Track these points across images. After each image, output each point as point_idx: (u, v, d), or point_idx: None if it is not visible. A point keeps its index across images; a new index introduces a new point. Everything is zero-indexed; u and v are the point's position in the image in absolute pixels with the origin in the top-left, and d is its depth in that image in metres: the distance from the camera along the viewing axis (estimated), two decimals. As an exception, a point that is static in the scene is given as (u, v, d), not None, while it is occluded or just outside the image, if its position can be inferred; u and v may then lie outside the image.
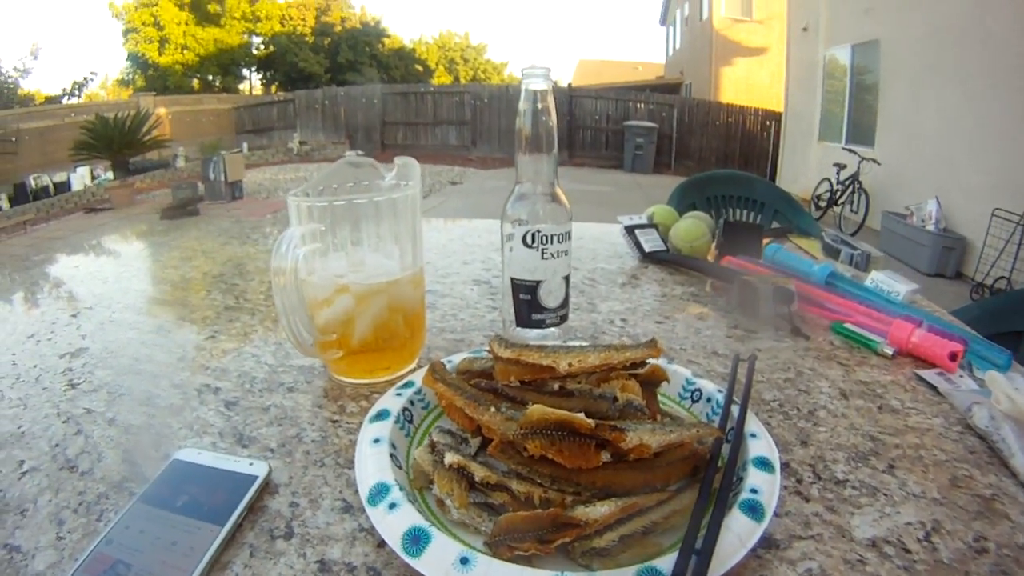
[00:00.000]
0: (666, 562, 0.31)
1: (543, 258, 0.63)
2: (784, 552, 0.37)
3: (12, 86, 14.48)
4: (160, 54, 20.34)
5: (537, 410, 0.36)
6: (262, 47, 23.29)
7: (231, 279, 1.02)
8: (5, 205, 9.14)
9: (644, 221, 1.09)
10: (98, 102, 15.20)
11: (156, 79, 19.97)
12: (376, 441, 0.44)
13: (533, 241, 0.62)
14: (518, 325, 0.66)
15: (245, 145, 13.22)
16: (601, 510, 0.34)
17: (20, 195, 9.52)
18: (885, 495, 0.43)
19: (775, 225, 1.48)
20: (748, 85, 13.63)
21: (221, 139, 12.64)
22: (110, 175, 9.68)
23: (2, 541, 0.41)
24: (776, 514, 0.40)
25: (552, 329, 0.66)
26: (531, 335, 0.66)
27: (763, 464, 0.39)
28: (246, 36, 22.40)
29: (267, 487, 0.45)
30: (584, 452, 0.35)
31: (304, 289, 0.56)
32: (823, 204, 7.13)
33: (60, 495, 0.46)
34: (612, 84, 16.35)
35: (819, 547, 0.38)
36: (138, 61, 20.74)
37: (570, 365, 0.41)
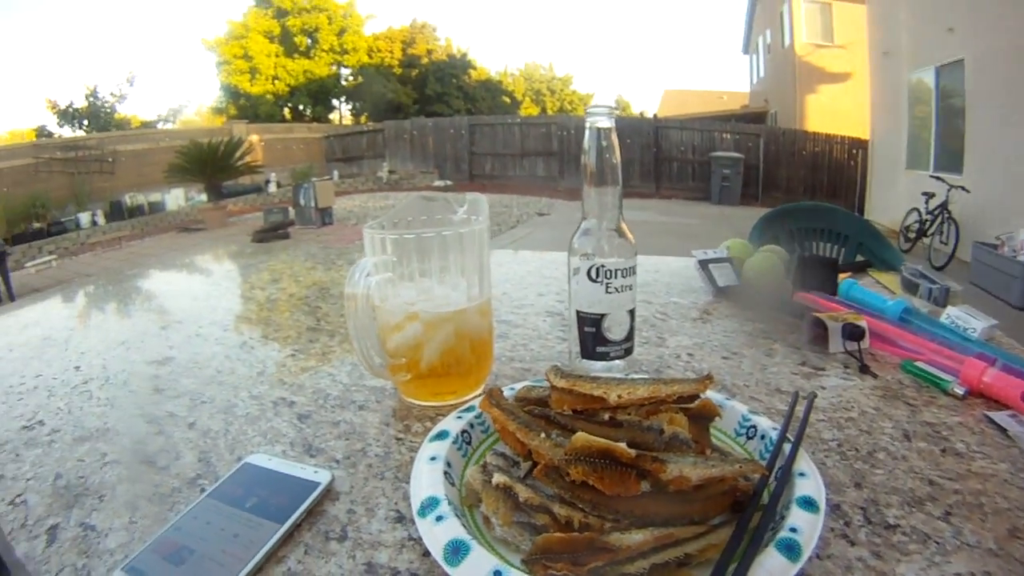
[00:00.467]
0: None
1: (607, 292, 0.64)
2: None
3: (109, 110, 15.96)
4: (251, 84, 21.72)
5: (581, 437, 0.37)
6: (351, 78, 24.55)
7: (314, 302, 1.10)
8: (101, 221, 10.06)
9: (719, 255, 1.08)
10: (192, 128, 16.55)
11: (248, 108, 21.34)
12: (433, 459, 0.46)
13: (598, 275, 0.64)
14: (583, 357, 0.68)
15: (336, 173, 13.96)
16: (636, 538, 0.35)
17: (116, 212, 10.45)
18: (937, 543, 0.41)
19: (859, 258, 1.42)
20: (833, 112, 13.08)
21: (312, 166, 13.40)
22: (203, 197, 10.32)
23: (79, 520, 0.48)
24: (817, 556, 0.39)
25: (617, 362, 0.67)
26: (596, 367, 0.67)
27: (807, 504, 0.39)
28: (335, 67, 23.63)
29: (328, 494, 0.49)
30: (624, 480, 0.36)
31: (378, 315, 0.62)
32: (912, 236, 6.72)
33: (137, 485, 0.53)
34: (698, 114, 16.17)
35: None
36: (231, 91, 22.24)
37: (619, 396, 0.42)
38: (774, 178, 11.06)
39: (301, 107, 23.16)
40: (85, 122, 15.32)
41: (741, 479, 0.40)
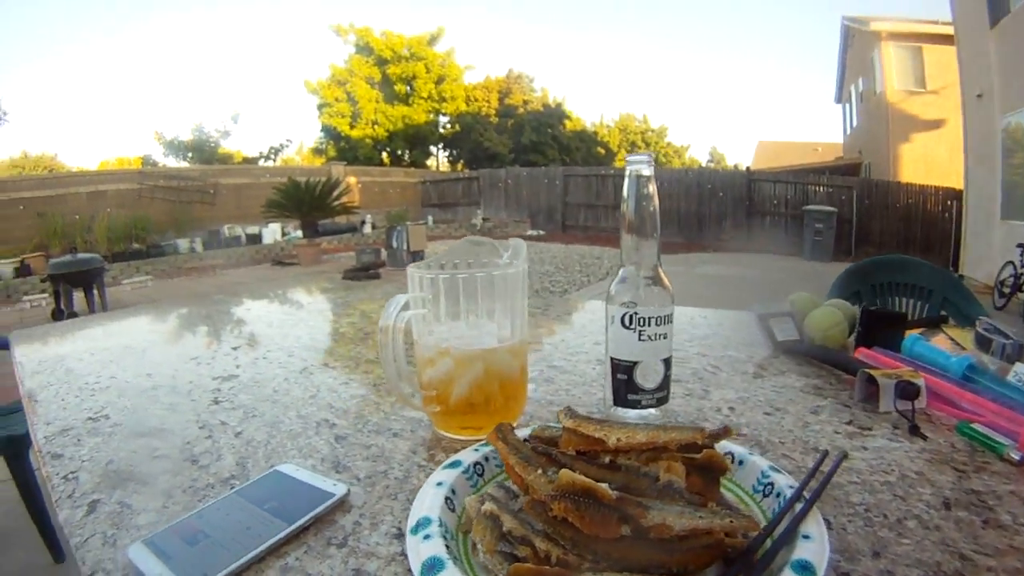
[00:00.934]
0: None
1: (640, 340, 0.64)
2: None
3: (213, 145, 17.20)
4: (352, 128, 23.02)
5: (566, 475, 0.38)
6: (448, 126, 25.63)
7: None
8: (199, 248, 10.82)
9: (781, 309, 1.05)
10: (292, 166, 17.67)
11: (347, 150, 22.59)
12: (439, 484, 0.48)
13: (631, 323, 0.64)
14: (615, 404, 0.67)
15: (430, 218, 14.51)
16: None
17: (213, 241, 11.21)
18: (956, 626, 0.37)
19: (943, 314, 1.32)
20: (927, 162, 12.35)
21: (407, 210, 13.98)
22: (299, 233, 10.85)
23: (119, 499, 0.55)
24: None
25: (651, 411, 0.67)
26: (628, 415, 0.67)
27: (803, 568, 0.36)
28: (433, 115, 24.75)
29: (342, 505, 0.53)
30: (604, 521, 0.36)
31: (416, 349, 0.66)
32: (1007, 290, 6.10)
33: (177, 478, 0.59)
34: (791, 167, 15.74)
35: None
36: (331, 133, 23.64)
37: (618, 440, 0.42)
38: (867, 232, 10.53)
39: (399, 152, 24.36)
40: (189, 154, 16.63)
41: (739, 535, 0.39)
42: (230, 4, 42.06)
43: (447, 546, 0.40)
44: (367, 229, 13.02)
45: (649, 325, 0.64)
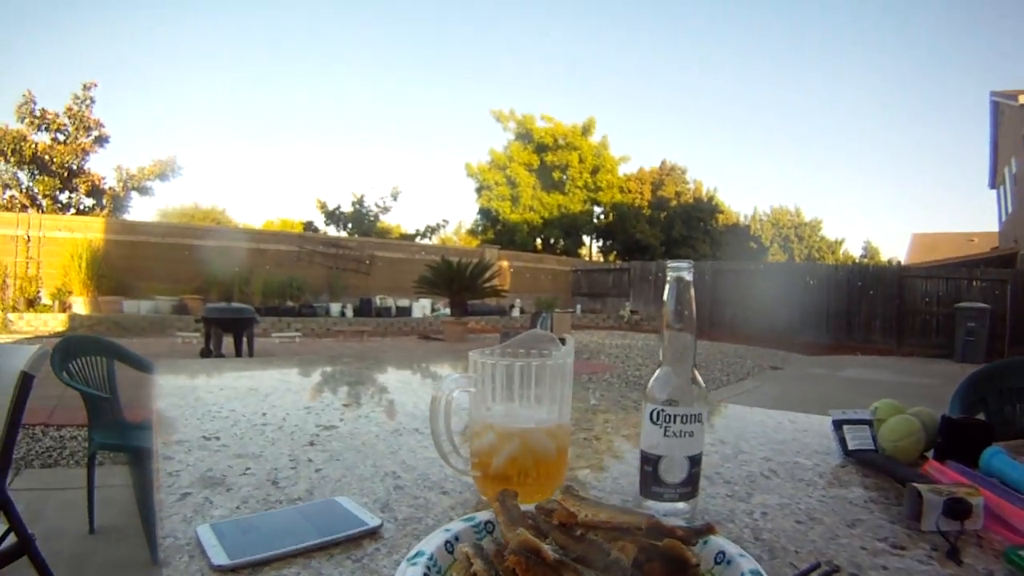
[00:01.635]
0: None
1: (665, 435, 0.68)
2: None
3: (373, 218, 18.34)
4: (511, 212, 23.96)
5: (522, 534, 0.45)
6: (602, 216, 26.04)
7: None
8: (350, 313, 11.56)
9: (861, 416, 1.01)
10: (448, 246, 18.47)
11: (503, 233, 23.48)
12: (447, 530, 0.56)
13: (658, 419, 0.69)
14: (641, 494, 0.71)
15: (579, 307, 14.67)
16: None
17: (364, 308, 11.87)
18: None
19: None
20: None
21: (557, 298, 14.19)
22: (448, 311, 11.25)
23: (205, 496, 0.73)
24: None
25: (676, 504, 0.70)
26: (657, 507, 0.70)
27: None
28: (588, 204, 25.26)
29: (373, 535, 0.64)
30: (542, 577, 0.43)
31: (469, 421, 0.77)
32: None
33: (256, 491, 0.75)
34: (946, 259, 14.13)
35: None
36: (488, 215, 24.71)
37: (586, 516, 0.49)
38: (1023, 330, 9.09)
39: (552, 239, 25.02)
40: (349, 224, 17.87)
41: None
42: (396, 82, 47.34)
43: (425, 573, 0.49)
44: (516, 312, 13.32)
45: (675, 422, 0.68)
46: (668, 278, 0.71)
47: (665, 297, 0.71)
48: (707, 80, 48.74)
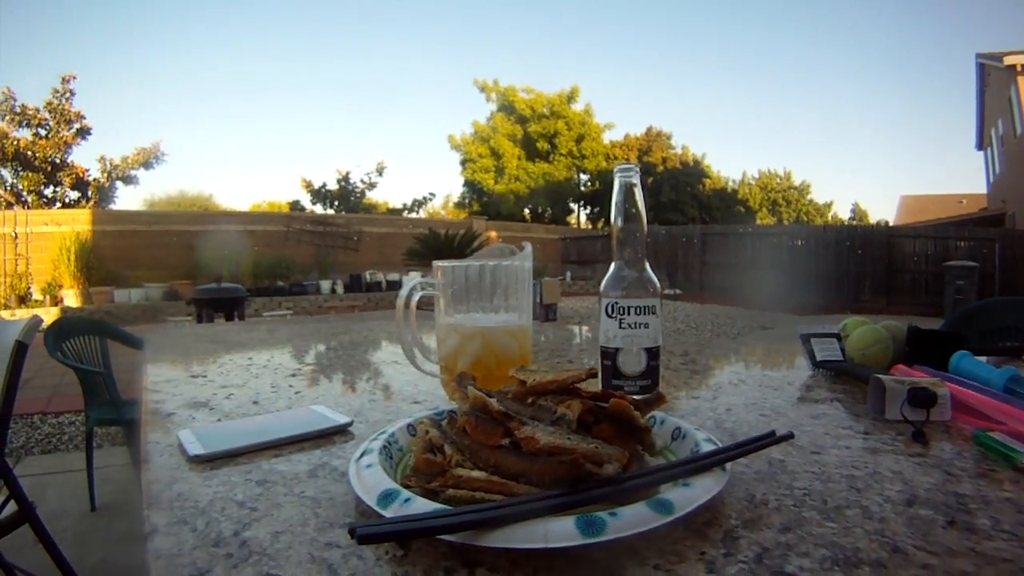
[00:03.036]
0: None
1: (620, 327, 0.70)
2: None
3: (359, 195, 18.16)
4: (496, 183, 23.71)
5: (472, 392, 0.46)
6: (589, 184, 25.96)
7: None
8: (340, 290, 11.54)
9: (830, 331, 1.02)
10: (436, 219, 18.26)
11: (490, 205, 23.23)
12: (412, 416, 0.59)
13: (612, 312, 0.70)
14: (602, 389, 0.73)
15: (569, 274, 14.65)
16: (473, 474, 0.42)
17: (354, 285, 11.84)
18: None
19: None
20: None
21: (546, 266, 14.16)
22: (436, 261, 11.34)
23: (190, 414, 0.74)
24: (655, 566, 0.38)
25: (639, 398, 0.71)
26: None
27: (659, 506, 0.39)
28: (573, 172, 25.11)
29: (344, 433, 0.66)
30: (489, 431, 0.43)
31: (436, 328, 0.77)
32: None
33: (238, 409, 0.77)
34: (934, 220, 14.29)
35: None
36: (473, 188, 24.44)
37: (533, 380, 0.50)
38: (1011, 287, 9.27)
39: (540, 208, 24.94)
40: (336, 202, 17.63)
41: (597, 460, 0.42)
42: (375, 58, 46.45)
43: (385, 445, 0.51)
44: None
45: (629, 314, 0.69)
46: (616, 182, 0.72)
47: (614, 199, 0.72)
48: (692, 46, 48.15)
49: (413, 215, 18.63)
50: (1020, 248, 9.76)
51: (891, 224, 12.82)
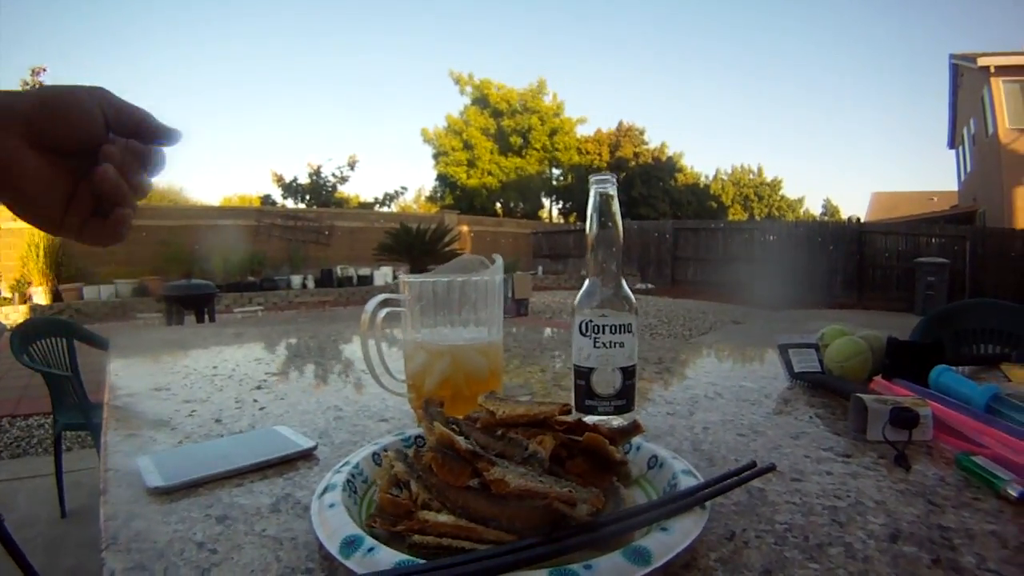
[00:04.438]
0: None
1: (595, 346, 0.67)
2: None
3: (330, 189, 17.88)
4: (468, 177, 23.46)
5: (438, 428, 0.43)
6: (561, 178, 25.95)
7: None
8: (311, 285, 11.38)
9: (807, 340, 1.01)
10: (407, 213, 18.00)
11: (462, 199, 22.96)
12: (376, 443, 0.56)
13: (587, 330, 0.67)
14: (576, 409, 0.70)
15: (540, 268, 14.62)
16: (440, 518, 0.39)
17: (325, 279, 11.67)
18: None
19: (1006, 351, 1.19)
20: None
21: (519, 260, 14.09)
22: (402, 275, 11.28)
23: (151, 435, 0.73)
24: None
25: (614, 419, 0.68)
26: (589, 421, 0.69)
27: (636, 555, 0.37)
28: (546, 166, 24.95)
29: (309, 458, 0.64)
30: (457, 471, 0.40)
31: (403, 344, 0.74)
32: None
33: (199, 428, 0.75)
34: (906, 217, 14.67)
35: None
36: (446, 181, 24.13)
37: (503, 412, 0.47)
38: (981, 284, 9.55)
39: (512, 203, 24.85)
40: (306, 196, 17.23)
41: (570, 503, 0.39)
42: (347, 51, 45.83)
43: (349, 479, 0.49)
44: None
45: (604, 333, 0.66)
46: (591, 192, 0.69)
47: (589, 211, 0.69)
48: (667, 42, 48.44)
49: (385, 209, 18.39)
50: (990, 246, 10.02)
51: (863, 220, 12.99)
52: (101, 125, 0.38)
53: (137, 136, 0.40)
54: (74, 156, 0.38)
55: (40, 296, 9.62)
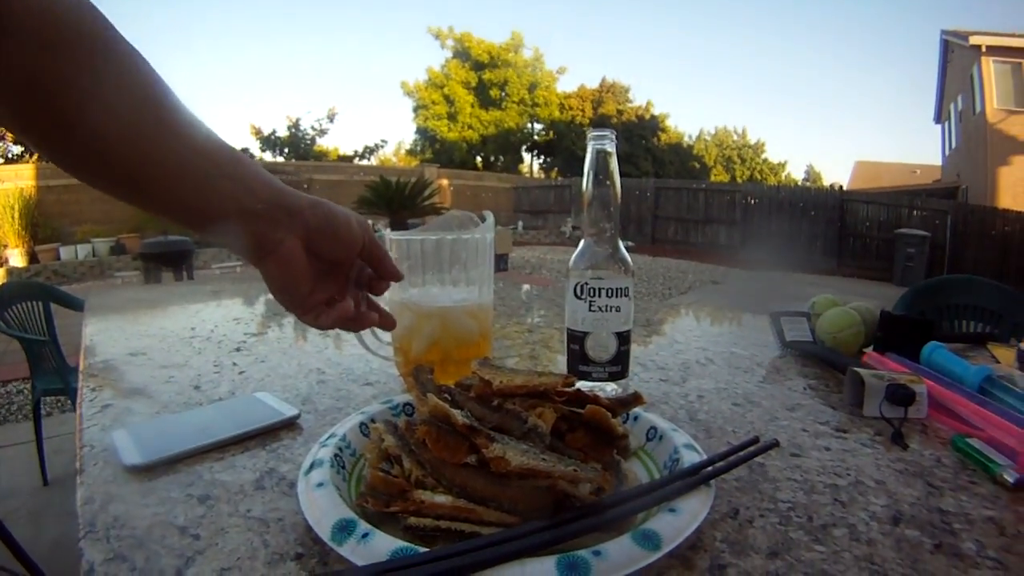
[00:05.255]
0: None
1: (590, 310, 0.64)
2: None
3: (310, 142, 17.56)
4: (448, 131, 23.01)
5: (432, 400, 0.40)
6: (542, 133, 25.57)
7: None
8: None
9: (800, 310, 1.00)
10: (387, 166, 17.73)
11: (442, 153, 22.55)
12: (363, 412, 0.53)
13: (582, 293, 0.64)
14: (568, 374, 0.67)
15: (520, 224, 14.54)
16: (437, 499, 0.36)
17: None
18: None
19: (1013, 340, 1.20)
20: None
21: (499, 215, 13.98)
22: (388, 231, 11.23)
23: (127, 405, 0.69)
24: None
25: (608, 385, 0.66)
26: (585, 387, 0.67)
27: (644, 539, 0.35)
28: (526, 120, 24.42)
29: (292, 426, 0.61)
30: (454, 447, 0.38)
31: (390, 304, 0.69)
32: None
33: (178, 396, 0.72)
34: (888, 188, 14.81)
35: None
36: (426, 135, 23.69)
37: (500, 382, 0.44)
38: (960, 260, 9.69)
39: (492, 157, 24.46)
40: (286, 150, 17.01)
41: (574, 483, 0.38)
42: (328, 4, 44.20)
43: (336, 453, 0.46)
44: None
45: (600, 296, 0.63)
46: (588, 148, 0.65)
47: (586, 168, 0.65)
48: (656, 3, 47.41)
49: (364, 162, 18.01)
50: (971, 222, 10.08)
51: (845, 188, 13.05)
52: (357, 251, 0.48)
53: (373, 267, 0.51)
54: (327, 262, 0.47)
55: (16, 258, 9.40)
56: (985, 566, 0.40)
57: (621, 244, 0.66)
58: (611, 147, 0.64)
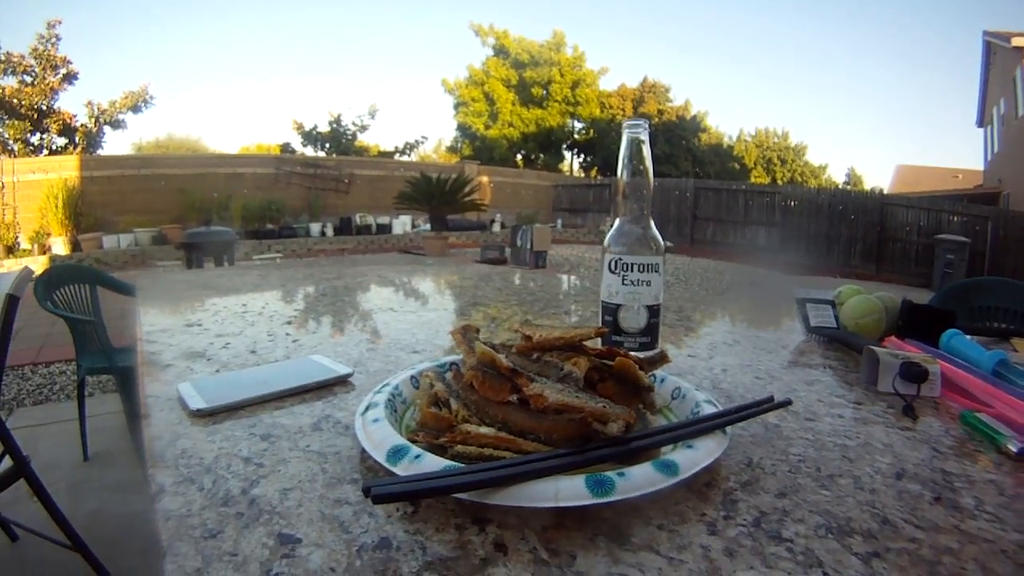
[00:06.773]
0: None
1: (623, 284, 0.69)
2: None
3: (350, 138, 17.63)
4: (488, 128, 22.98)
5: (480, 347, 0.46)
6: (582, 131, 25.44)
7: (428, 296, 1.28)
8: (330, 232, 11.37)
9: (824, 297, 1.03)
10: (427, 162, 17.65)
11: (482, 150, 22.48)
12: (415, 367, 0.59)
13: (616, 267, 0.70)
14: (601, 346, 0.73)
15: (560, 221, 14.47)
16: (481, 430, 0.42)
17: (344, 227, 11.62)
18: None
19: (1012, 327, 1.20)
20: None
21: (538, 213, 13.95)
22: (428, 226, 11.14)
23: (188, 365, 0.74)
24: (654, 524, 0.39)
25: (638, 355, 0.71)
26: None
27: (664, 467, 0.40)
28: (567, 118, 24.22)
29: (345, 383, 0.67)
30: (498, 387, 0.44)
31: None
32: None
33: (236, 359, 0.77)
34: (928, 192, 14.32)
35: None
36: (466, 132, 23.65)
37: (540, 336, 0.49)
38: (1000, 267, 9.24)
39: (532, 155, 24.40)
40: (327, 144, 16.94)
41: (604, 419, 0.42)
42: (369, 2, 44.75)
43: (389, 398, 0.52)
44: (496, 228, 13.19)
45: (632, 271, 0.69)
46: (624, 136, 0.70)
47: (621, 154, 0.71)
48: (696, 3, 46.79)
49: (404, 158, 18.12)
50: (1012, 229, 9.69)
51: (885, 192, 12.70)
52: None
53: None
54: None
55: (60, 246, 9.70)
56: (982, 519, 0.43)
57: (652, 224, 0.71)
58: (644, 135, 0.70)
